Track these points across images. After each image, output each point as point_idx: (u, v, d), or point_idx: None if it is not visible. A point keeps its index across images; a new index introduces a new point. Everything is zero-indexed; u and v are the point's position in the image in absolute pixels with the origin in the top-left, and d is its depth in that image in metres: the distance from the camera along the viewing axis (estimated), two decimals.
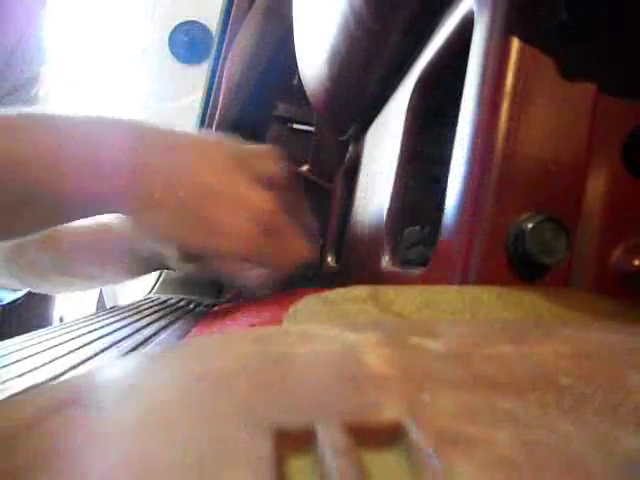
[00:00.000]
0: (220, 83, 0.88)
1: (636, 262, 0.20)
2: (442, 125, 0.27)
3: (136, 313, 0.58)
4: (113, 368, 0.13)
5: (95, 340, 0.39)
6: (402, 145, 0.32)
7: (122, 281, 0.60)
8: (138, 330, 0.44)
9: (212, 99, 0.95)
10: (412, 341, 0.12)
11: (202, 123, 1.02)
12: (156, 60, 1.38)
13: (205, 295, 0.82)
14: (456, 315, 0.18)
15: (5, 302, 0.81)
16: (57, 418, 0.10)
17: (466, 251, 0.21)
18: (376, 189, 0.37)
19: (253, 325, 0.34)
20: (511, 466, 0.07)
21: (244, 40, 0.80)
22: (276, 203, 0.37)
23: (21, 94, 0.75)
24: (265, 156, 0.40)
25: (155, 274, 0.95)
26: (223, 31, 0.97)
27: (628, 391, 0.09)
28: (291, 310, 0.21)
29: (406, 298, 0.19)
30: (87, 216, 0.37)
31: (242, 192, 0.36)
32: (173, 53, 1.37)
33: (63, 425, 0.09)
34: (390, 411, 0.08)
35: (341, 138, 0.55)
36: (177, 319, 0.51)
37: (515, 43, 0.20)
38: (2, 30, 0.70)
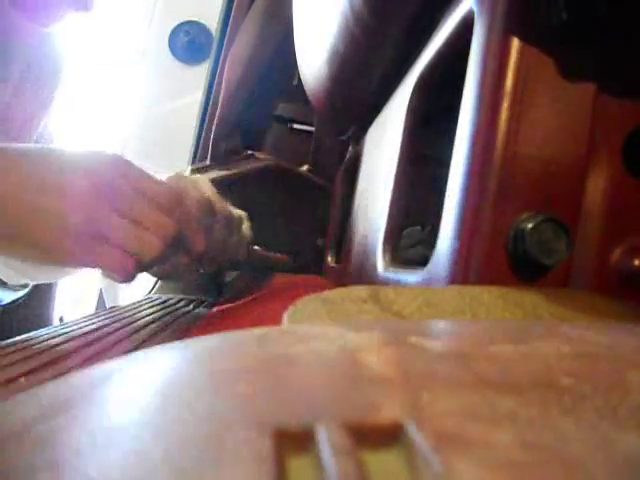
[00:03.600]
0: (220, 83, 0.88)
1: (636, 262, 0.20)
2: (442, 125, 0.27)
3: (136, 313, 0.58)
4: (113, 368, 0.13)
5: (95, 340, 0.39)
6: (402, 145, 0.32)
7: None
8: (138, 330, 0.44)
9: (212, 99, 0.95)
10: (412, 341, 0.12)
11: (202, 123, 1.02)
12: (156, 60, 1.38)
13: (205, 295, 0.82)
14: (456, 315, 0.18)
15: (5, 302, 0.80)
16: (57, 418, 0.10)
17: (466, 251, 0.21)
18: (376, 189, 0.37)
19: (253, 325, 0.34)
20: (511, 466, 0.07)
21: (244, 40, 0.80)
22: (102, 210, 0.39)
23: (35, 122, 0.74)
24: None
25: None
26: (223, 31, 0.97)
27: (628, 391, 0.09)
28: (291, 310, 0.21)
29: (406, 298, 0.19)
30: None
31: (58, 207, 0.39)
32: (173, 53, 1.37)
33: (63, 425, 0.09)
34: (390, 411, 0.08)
35: (341, 138, 0.55)
36: (177, 319, 0.51)
37: (515, 43, 0.20)
38: (10, 57, 0.69)
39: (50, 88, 0.77)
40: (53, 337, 0.41)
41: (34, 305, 1.00)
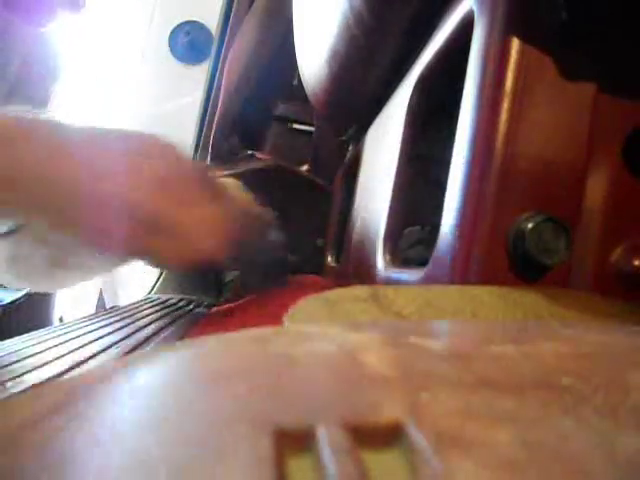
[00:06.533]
0: (220, 83, 0.88)
1: (636, 262, 0.20)
2: (442, 125, 0.27)
3: (136, 313, 0.58)
4: (112, 368, 0.13)
5: (95, 340, 0.39)
6: (402, 145, 0.32)
7: (115, 267, 0.62)
8: (138, 330, 0.44)
9: (212, 99, 0.95)
10: (412, 341, 0.12)
11: (202, 123, 1.02)
12: (156, 60, 1.38)
13: (205, 295, 0.82)
14: (457, 315, 0.18)
15: (5, 302, 0.80)
16: (57, 418, 0.10)
17: (466, 251, 0.21)
18: (376, 189, 0.37)
19: (253, 325, 0.34)
20: (511, 466, 0.07)
21: (244, 40, 0.80)
22: (167, 202, 0.38)
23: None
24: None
25: (155, 274, 0.95)
26: (223, 31, 0.97)
27: (628, 391, 0.09)
28: (291, 310, 0.21)
29: (406, 298, 0.19)
30: None
31: (126, 194, 0.37)
32: (173, 53, 1.37)
33: (63, 425, 0.09)
34: (390, 411, 0.08)
35: (341, 138, 0.55)
36: (177, 319, 0.51)
37: (515, 43, 0.20)
38: (6, 55, 0.68)
39: (47, 86, 0.77)
40: (53, 337, 0.41)
41: (34, 305, 1.00)
